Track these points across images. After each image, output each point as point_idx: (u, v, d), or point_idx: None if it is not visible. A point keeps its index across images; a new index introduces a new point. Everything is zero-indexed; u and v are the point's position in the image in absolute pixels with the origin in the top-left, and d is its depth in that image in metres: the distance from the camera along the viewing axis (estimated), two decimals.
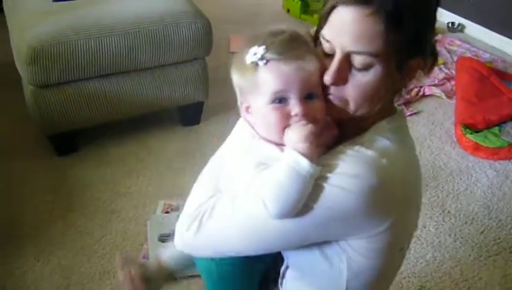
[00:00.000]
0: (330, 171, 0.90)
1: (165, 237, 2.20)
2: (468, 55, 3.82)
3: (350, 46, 0.90)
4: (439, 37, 4.08)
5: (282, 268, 1.17)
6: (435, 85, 3.41)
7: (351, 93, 0.94)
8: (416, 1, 0.90)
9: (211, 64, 2.88)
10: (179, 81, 2.74)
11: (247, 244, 0.98)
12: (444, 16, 4.36)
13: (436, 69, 3.55)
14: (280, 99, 0.94)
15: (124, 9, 2.67)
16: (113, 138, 2.87)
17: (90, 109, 2.63)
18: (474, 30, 4.19)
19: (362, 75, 0.92)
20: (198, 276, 1.27)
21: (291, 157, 0.89)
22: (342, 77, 0.93)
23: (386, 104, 1.02)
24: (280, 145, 0.96)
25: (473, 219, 2.41)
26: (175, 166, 2.66)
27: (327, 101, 0.97)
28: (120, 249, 2.22)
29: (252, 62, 0.93)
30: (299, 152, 0.88)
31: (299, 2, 4.38)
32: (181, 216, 1.05)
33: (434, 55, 1.01)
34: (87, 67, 2.52)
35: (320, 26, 0.95)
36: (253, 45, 0.94)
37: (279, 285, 1.18)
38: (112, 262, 2.16)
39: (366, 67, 0.91)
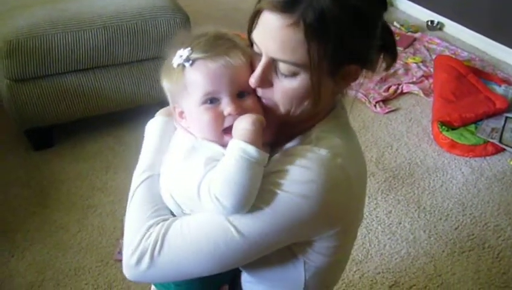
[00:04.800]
0: (289, 178, 0.88)
1: None
2: (447, 53, 3.86)
3: (274, 54, 0.88)
4: (418, 35, 4.12)
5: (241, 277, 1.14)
6: (413, 83, 3.44)
7: (278, 98, 0.93)
8: (343, 13, 0.84)
9: None
10: (157, 76, 2.70)
11: (211, 267, 0.93)
12: (424, 14, 4.41)
13: (414, 66, 3.60)
14: (211, 100, 0.92)
15: (102, 3, 2.65)
16: (91, 133, 2.85)
17: (67, 103, 2.61)
18: (453, 29, 4.22)
19: (288, 81, 0.90)
20: None
21: (237, 146, 0.86)
22: (266, 81, 0.92)
23: (326, 104, 1.00)
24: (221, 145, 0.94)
25: (447, 215, 2.44)
26: None
27: (259, 102, 0.96)
28: (96, 244, 2.22)
29: (179, 64, 0.93)
30: (244, 139, 0.86)
31: None
32: (125, 248, 0.96)
33: (391, 54, 0.98)
34: (65, 62, 2.50)
35: (249, 28, 0.94)
36: (179, 48, 0.94)
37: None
38: (87, 257, 2.15)
39: (291, 75, 0.89)
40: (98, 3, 2.64)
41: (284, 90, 0.91)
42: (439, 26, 4.29)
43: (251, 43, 0.95)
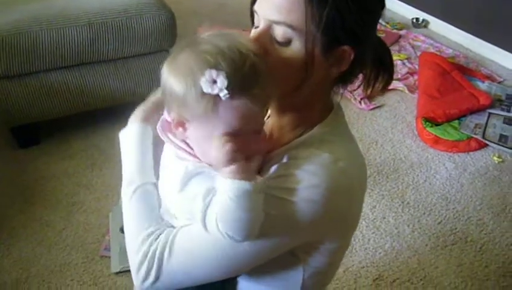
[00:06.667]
0: (293, 183, 0.88)
1: None
2: (432, 50, 3.89)
3: (271, 15, 0.88)
4: (403, 32, 4.15)
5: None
6: (398, 79, 3.47)
7: (272, 69, 0.88)
8: None
9: None
10: (142, 73, 2.73)
11: (220, 272, 0.94)
12: (409, 12, 4.44)
13: (399, 63, 3.62)
14: (232, 134, 0.86)
15: (88, 0, 2.65)
16: (76, 131, 2.85)
17: (52, 100, 2.60)
18: (438, 26, 4.26)
19: (282, 50, 0.89)
20: None
21: (230, 187, 0.82)
22: (262, 46, 0.89)
23: (323, 100, 1.01)
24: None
25: (431, 209, 2.47)
26: None
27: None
28: (81, 240, 2.22)
29: (211, 93, 0.81)
30: (234, 177, 0.83)
31: None
32: (130, 259, 0.96)
33: (388, 72, 1.01)
34: (50, 59, 2.49)
35: (253, 1, 0.93)
36: (206, 61, 0.82)
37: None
38: (73, 254, 2.16)
39: (285, 41, 0.88)
40: (83, 0, 2.64)
41: (278, 59, 0.89)
42: (424, 24, 4.33)
43: (251, 19, 0.95)
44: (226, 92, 0.80)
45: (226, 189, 0.83)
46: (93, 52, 2.57)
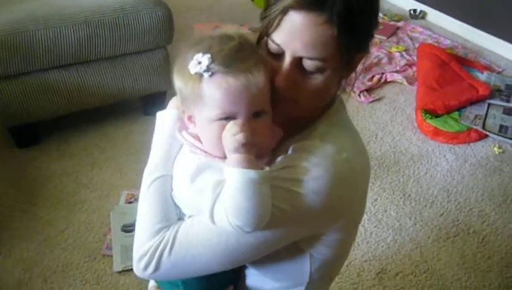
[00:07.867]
0: (298, 175, 0.89)
1: (128, 227, 2.20)
2: (430, 41, 3.88)
3: (301, 52, 0.88)
4: (401, 24, 4.14)
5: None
6: (396, 71, 3.46)
7: (302, 95, 0.92)
8: (364, 3, 0.88)
9: (173, 53, 2.86)
10: (140, 70, 2.72)
11: (222, 263, 0.95)
12: (406, 3, 4.43)
13: (398, 55, 3.62)
14: (226, 118, 0.87)
15: None
16: (75, 129, 2.84)
17: (50, 100, 2.59)
18: (435, 17, 4.25)
19: (313, 78, 0.90)
20: None
21: (235, 175, 0.83)
22: (292, 80, 0.90)
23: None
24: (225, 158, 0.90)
25: (432, 202, 2.46)
26: (138, 156, 2.63)
27: (276, 101, 0.93)
28: (83, 240, 2.21)
29: (196, 73, 0.86)
30: (240, 166, 0.84)
31: None
32: (134, 249, 0.97)
33: None
34: (47, 58, 2.47)
35: (268, 28, 0.90)
36: (197, 50, 0.87)
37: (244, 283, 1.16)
38: (75, 253, 2.15)
39: (318, 71, 0.89)
40: None
41: (310, 86, 0.91)
42: (422, 15, 4.32)
43: (258, 41, 0.95)
44: (206, 68, 0.84)
45: (232, 178, 0.84)
46: (91, 50, 2.56)
